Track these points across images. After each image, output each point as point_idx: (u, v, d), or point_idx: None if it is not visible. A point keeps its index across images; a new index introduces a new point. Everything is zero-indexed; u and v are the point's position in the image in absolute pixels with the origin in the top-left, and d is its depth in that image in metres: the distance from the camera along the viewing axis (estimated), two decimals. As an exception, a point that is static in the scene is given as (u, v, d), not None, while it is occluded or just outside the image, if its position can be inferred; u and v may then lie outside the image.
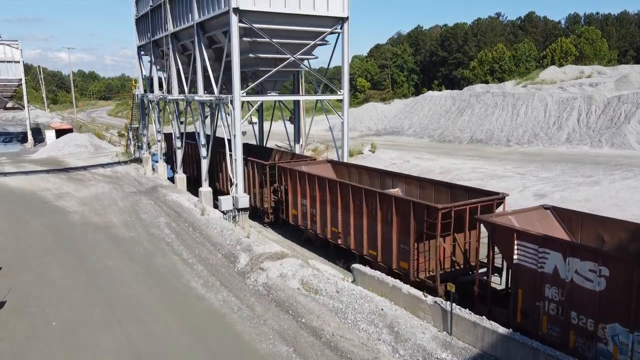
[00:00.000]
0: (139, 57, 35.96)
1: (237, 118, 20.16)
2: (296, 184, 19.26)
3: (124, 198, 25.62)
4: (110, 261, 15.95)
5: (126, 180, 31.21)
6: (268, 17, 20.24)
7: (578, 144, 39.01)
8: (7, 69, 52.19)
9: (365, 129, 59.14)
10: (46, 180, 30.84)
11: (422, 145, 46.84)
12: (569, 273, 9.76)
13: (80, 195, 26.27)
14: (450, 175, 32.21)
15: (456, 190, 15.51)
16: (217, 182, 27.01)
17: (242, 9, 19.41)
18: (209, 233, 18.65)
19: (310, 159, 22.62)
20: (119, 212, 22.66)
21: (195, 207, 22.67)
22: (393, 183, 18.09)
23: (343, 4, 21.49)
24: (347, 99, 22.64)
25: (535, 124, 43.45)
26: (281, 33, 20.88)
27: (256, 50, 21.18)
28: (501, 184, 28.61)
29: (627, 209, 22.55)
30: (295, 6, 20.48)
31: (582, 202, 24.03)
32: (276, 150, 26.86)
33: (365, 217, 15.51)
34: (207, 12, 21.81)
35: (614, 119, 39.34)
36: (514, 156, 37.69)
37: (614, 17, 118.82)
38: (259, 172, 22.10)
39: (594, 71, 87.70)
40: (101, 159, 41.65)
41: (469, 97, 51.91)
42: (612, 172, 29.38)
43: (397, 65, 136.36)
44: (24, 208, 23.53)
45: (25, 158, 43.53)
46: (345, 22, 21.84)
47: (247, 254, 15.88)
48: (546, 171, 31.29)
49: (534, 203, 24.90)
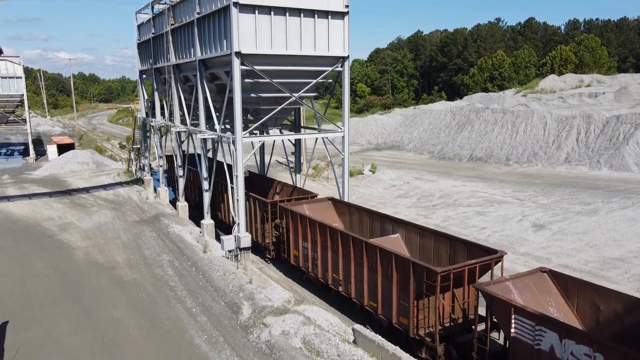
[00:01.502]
0: (140, 80, 36.20)
1: (239, 159, 20.40)
2: (297, 225, 19.51)
3: (126, 229, 25.87)
4: (116, 312, 16.20)
5: (128, 206, 31.45)
6: (269, 58, 20.49)
7: (577, 164, 39.27)
8: (9, 85, 52.51)
9: (366, 142, 59.40)
10: (49, 207, 31.08)
11: (422, 162, 47.10)
12: (564, 354, 10.02)
13: (83, 226, 26.51)
14: (449, 199, 32.49)
15: (455, 243, 15.76)
16: (218, 212, 27.27)
17: (244, 52, 19.66)
18: (211, 276, 18.91)
19: (312, 196, 22.84)
20: (122, 247, 22.91)
21: (197, 242, 22.92)
22: (393, 228, 18.35)
23: (344, 44, 21.75)
24: (347, 134, 22.88)
25: (534, 142, 43.71)
26: (282, 73, 21.13)
27: (258, 90, 21.43)
28: (500, 212, 28.92)
29: (625, 244, 22.82)
30: (296, 48, 20.73)
31: (581, 235, 24.32)
32: (277, 182, 27.10)
33: (366, 268, 15.77)
34: (210, 52, 22.06)
35: (613, 139, 39.61)
36: (513, 177, 37.97)
37: (613, 23, 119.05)
38: (261, 209, 22.35)
39: (594, 80, 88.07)
40: (103, 178, 41.91)
41: (468, 113, 52.16)
42: (610, 199, 29.64)
43: (397, 71, 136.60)
44: (28, 243, 23.77)
45: (28, 176, 43.77)
46: (345, 60, 22.10)
47: (250, 304, 16.14)
48: (545, 196, 31.56)
49: (532, 234, 25.24)
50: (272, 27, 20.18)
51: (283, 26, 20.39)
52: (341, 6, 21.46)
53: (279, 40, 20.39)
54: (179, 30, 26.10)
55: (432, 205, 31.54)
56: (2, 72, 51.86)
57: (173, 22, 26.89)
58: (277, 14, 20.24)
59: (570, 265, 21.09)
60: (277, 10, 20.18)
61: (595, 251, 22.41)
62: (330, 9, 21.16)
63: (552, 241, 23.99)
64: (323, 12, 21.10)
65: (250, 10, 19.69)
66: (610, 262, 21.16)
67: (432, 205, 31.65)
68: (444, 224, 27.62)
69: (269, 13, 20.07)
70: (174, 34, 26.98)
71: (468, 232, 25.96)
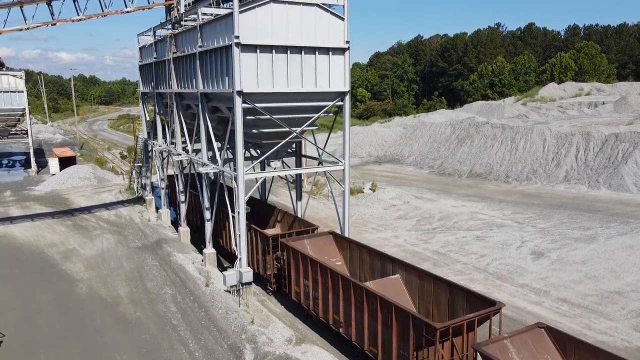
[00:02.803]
0: (142, 102, 36.45)
1: (241, 195, 20.63)
2: (298, 263, 19.73)
3: (129, 257, 26.12)
4: (120, 356, 16.44)
5: (130, 229, 31.71)
6: (271, 95, 20.70)
7: (576, 183, 39.50)
8: (10, 99, 52.87)
9: (366, 154, 59.64)
10: (52, 230, 31.33)
11: (422, 178, 47.33)
12: None
13: (86, 253, 26.76)
14: (449, 222, 32.72)
15: (455, 289, 15.98)
16: (219, 239, 27.49)
17: (246, 91, 19.88)
18: (213, 314, 19.15)
19: (312, 229, 23.06)
20: (125, 279, 23.15)
21: (199, 274, 23.17)
22: (393, 268, 18.58)
23: (344, 80, 21.96)
24: (348, 169, 23.11)
25: (534, 159, 43.94)
26: (284, 109, 21.35)
27: (259, 126, 21.64)
28: (499, 236, 29.16)
29: (623, 276, 23.05)
30: (297, 85, 20.95)
31: (579, 265, 24.55)
32: (278, 210, 27.32)
33: (366, 314, 15.99)
34: (212, 87, 22.29)
35: (612, 158, 39.84)
36: (512, 197, 38.19)
37: (613, 29, 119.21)
38: (262, 242, 22.58)
39: (593, 88, 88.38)
40: (104, 195, 42.19)
41: (468, 127, 52.38)
42: (608, 223, 29.87)
43: (397, 75, 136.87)
44: (32, 273, 24.00)
45: (30, 193, 44.05)
46: (346, 95, 22.32)
47: (252, 348, 16.38)
48: (544, 219, 31.78)
49: (531, 263, 25.47)
50: (274, 65, 20.39)
51: (284, 64, 20.59)
52: (342, 42, 21.67)
53: (280, 77, 20.60)
54: (181, 59, 26.33)
55: (432, 229, 31.76)
56: (4, 86, 52.23)
57: (175, 50, 27.13)
58: (278, 52, 20.45)
59: (569, 299, 21.33)
60: (279, 48, 20.40)
61: (593, 283, 22.63)
62: (331, 45, 21.38)
63: (551, 271, 24.23)
64: (324, 48, 21.32)
65: (252, 49, 19.91)
66: (608, 296, 21.39)
67: (432, 228, 31.88)
68: (444, 250, 27.86)
69: (270, 52, 20.28)
70: (176, 62, 27.20)
71: (467, 260, 26.21)
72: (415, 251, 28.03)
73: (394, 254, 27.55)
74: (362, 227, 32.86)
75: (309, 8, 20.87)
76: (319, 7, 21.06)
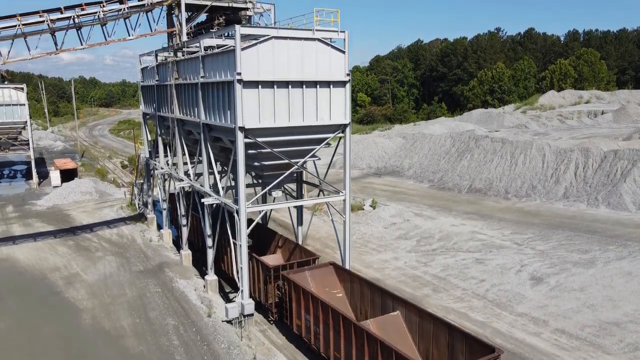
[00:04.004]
0: (144, 122, 36.68)
1: (243, 229, 20.87)
2: (300, 297, 19.94)
3: (131, 283, 26.35)
4: (124, 396, 16.68)
5: (132, 250, 31.94)
6: (273, 130, 20.92)
7: (575, 200, 39.72)
8: (12, 112, 53.14)
9: (366, 166, 59.87)
10: (55, 252, 31.56)
11: (422, 192, 47.54)
12: None
13: (89, 279, 26.99)
14: (449, 242, 32.95)
15: (454, 332, 16.20)
16: (221, 263, 27.71)
17: (248, 127, 20.10)
18: (216, 349, 19.39)
19: (313, 258, 23.28)
20: (128, 308, 23.38)
21: (201, 303, 23.42)
22: (394, 305, 18.79)
23: (345, 113, 22.19)
24: (349, 201, 23.34)
25: (533, 175, 44.16)
26: (285, 143, 21.57)
27: (261, 159, 21.87)
28: (499, 259, 29.39)
29: (621, 305, 23.27)
30: (299, 119, 21.17)
31: (577, 293, 24.78)
32: (279, 236, 27.52)
33: (367, 356, 16.21)
34: (214, 119, 22.51)
35: (610, 175, 40.06)
36: (512, 215, 38.40)
37: (612, 34, 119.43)
38: (264, 272, 22.81)
39: (593, 96, 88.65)
40: (106, 211, 42.42)
41: (468, 140, 52.60)
42: (607, 246, 30.10)
43: (397, 80, 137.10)
44: (35, 303, 24.18)
45: (32, 208, 44.29)
46: (346, 127, 22.54)
47: (254, 388, 16.61)
48: (543, 241, 32.01)
49: (530, 290, 25.70)
50: (275, 100, 20.62)
51: (286, 98, 20.82)
52: (342, 75, 21.91)
53: (282, 112, 20.82)
54: (183, 86, 26.54)
55: (431, 250, 31.99)
56: (6, 100, 52.48)
57: (177, 76, 27.33)
58: (280, 87, 20.68)
59: (567, 330, 21.56)
60: (280, 83, 20.63)
61: (591, 313, 22.86)
62: (332, 79, 21.61)
63: (550, 299, 24.45)
64: (325, 82, 21.54)
65: (254, 85, 20.13)
66: (606, 327, 21.61)
67: (432, 249, 32.10)
68: (443, 274, 28.09)
69: (271, 87, 20.52)
70: (178, 88, 27.40)
71: (467, 285, 26.43)
72: (415, 275, 28.26)
73: (394, 278, 28.13)
74: (363, 247, 33.10)
75: (310, 43, 21.12)
76: (320, 41, 21.29)
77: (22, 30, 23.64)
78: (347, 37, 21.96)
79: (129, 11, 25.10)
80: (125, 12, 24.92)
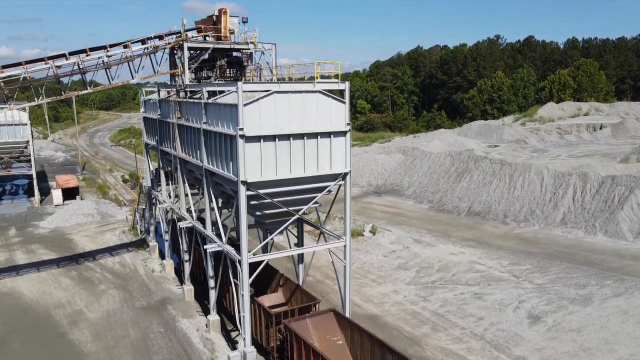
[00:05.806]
0: (146, 152, 37.03)
1: (245, 280, 21.24)
2: (301, 348, 20.32)
3: (134, 322, 26.73)
4: None
5: (135, 282, 32.33)
6: (274, 182, 21.26)
7: (573, 227, 40.11)
8: (15, 132, 53.52)
9: (366, 184, 60.26)
10: (58, 284, 31.94)
11: (422, 215, 47.92)
12: None
13: (93, 317, 27.37)
14: (448, 274, 33.35)
15: (452, 395, 16.58)
16: (223, 299, 28.07)
17: (250, 181, 20.46)
18: (219, 401, 19.76)
19: (314, 303, 23.62)
20: (132, 352, 23.76)
21: (204, 347, 23.81)
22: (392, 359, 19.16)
23: (345, 162, 22.55)
24: (349, 245, 23.71)
25: (531, 199, 44.55)
26: (286, 193, 21.92)
27: (262, 208, 22.23)
28: (497, 295, 29.77)
29: (617, 349, 23.66)
30: (300, 170, 21.51)
31: (574, 334, 25.17)
32: (280, 274, 27.86)
33: (367, 417, 16.61)
34: (216, 167, 22.85)
35: (608, 201, 40.45)
36: (510, 242, 38.77)
37: (611, 42, 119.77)
38: (266, 317, 23.18)
39: (592, 108, 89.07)
40: (108, 235, 42.77)
41: (467, 160, 52.99)
42: (604, 280, 30.49)
43: (397, 87, 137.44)
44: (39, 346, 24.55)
45: (34, 230, 44.66)
46: (347, 175, 22.89)
47: None
48: (541, 273, 32.40)
49: (527, 329, 26.08)
50: (277, 153, 20.96)
51: (287, 150, 21.15)
52: (343, 125, 22.26)
53: (283, 164, 21.15)
54: (185, 127, 26.85)
55: (430, 282, 32.37)
56: (8, 120, 52.83)
57: (179, 115, 27.65)
58: (281, 140, 21.03)
59: (563, 377, 21.96)
60: (282, 137, 20.97)
61: (587, 357, 23.25)
62: (333, 129, 21.96)
63: (547, 340, 24.84)
64: (326, 133, 21.89)
65: (256, 139, 20.48)
66: (601, 374, 22.01)
67: (431, 281, 32.48)
68: (442, 310, 28.48)
69: (273, 140, 20.86)
70: (180, 127, 27.72)
71: (465, 324, 26.81)
72: (414, 311, 28.64)
73: (394, 314, 28.50)
74: (363, 278, 33.48)
75: (311, 95, 21.48)
76: (320, 93, 21.65)
77: (29, 77, 23.98)
78: (347, 88, 22.34)
79: (132, 55, 25.42)
80: (129, 55, 25.24)
